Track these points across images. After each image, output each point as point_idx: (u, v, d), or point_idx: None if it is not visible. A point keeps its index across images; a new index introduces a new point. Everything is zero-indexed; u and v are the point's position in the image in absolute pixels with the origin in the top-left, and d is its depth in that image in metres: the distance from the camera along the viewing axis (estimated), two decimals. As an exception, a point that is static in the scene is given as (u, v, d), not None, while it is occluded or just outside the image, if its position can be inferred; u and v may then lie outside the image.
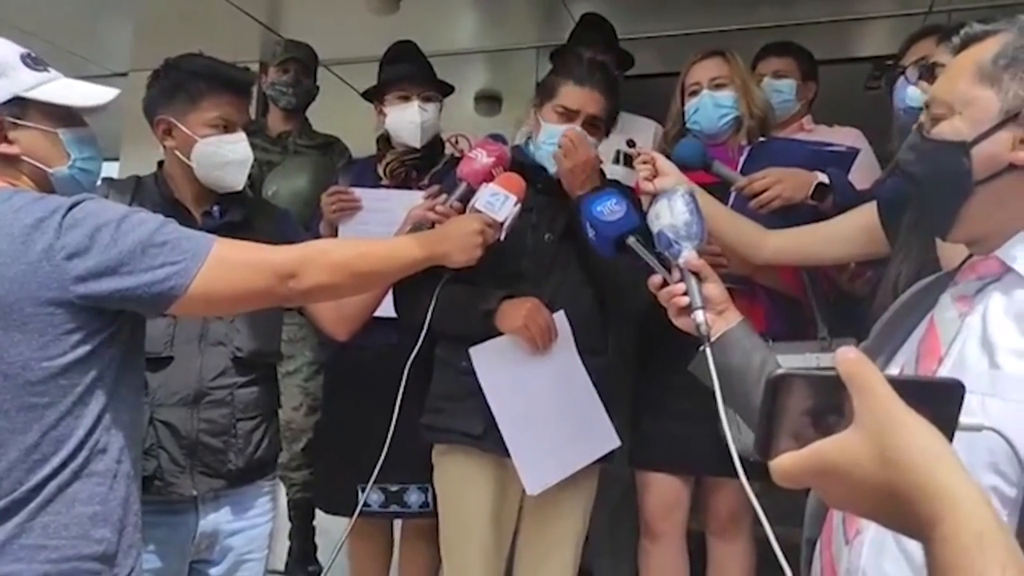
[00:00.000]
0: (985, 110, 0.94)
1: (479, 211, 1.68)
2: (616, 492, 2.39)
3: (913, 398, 0.61)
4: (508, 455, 1.82)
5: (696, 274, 1.26)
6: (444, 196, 1.82)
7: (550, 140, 1.91)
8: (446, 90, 2.49)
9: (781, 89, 2.55)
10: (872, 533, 0.91)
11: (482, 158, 1.81)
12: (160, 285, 1.22)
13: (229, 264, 1.28)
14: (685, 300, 1.25)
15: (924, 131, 1.00)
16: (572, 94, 1.93)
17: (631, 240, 1.52)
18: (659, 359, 2.14)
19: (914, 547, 0.59)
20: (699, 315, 1.22)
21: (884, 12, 3.44)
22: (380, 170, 2.42)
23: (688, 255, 1.28)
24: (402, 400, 1.74)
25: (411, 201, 1.94)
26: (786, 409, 0.64)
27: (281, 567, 2.96)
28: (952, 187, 0.96)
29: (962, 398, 0.65)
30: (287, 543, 2.99)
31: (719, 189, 1.96)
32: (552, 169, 1.92)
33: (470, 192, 1.78)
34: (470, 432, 1.88)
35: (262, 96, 3.32)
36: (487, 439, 1.85)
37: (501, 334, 1.85)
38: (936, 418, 0.61)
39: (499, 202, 1.69)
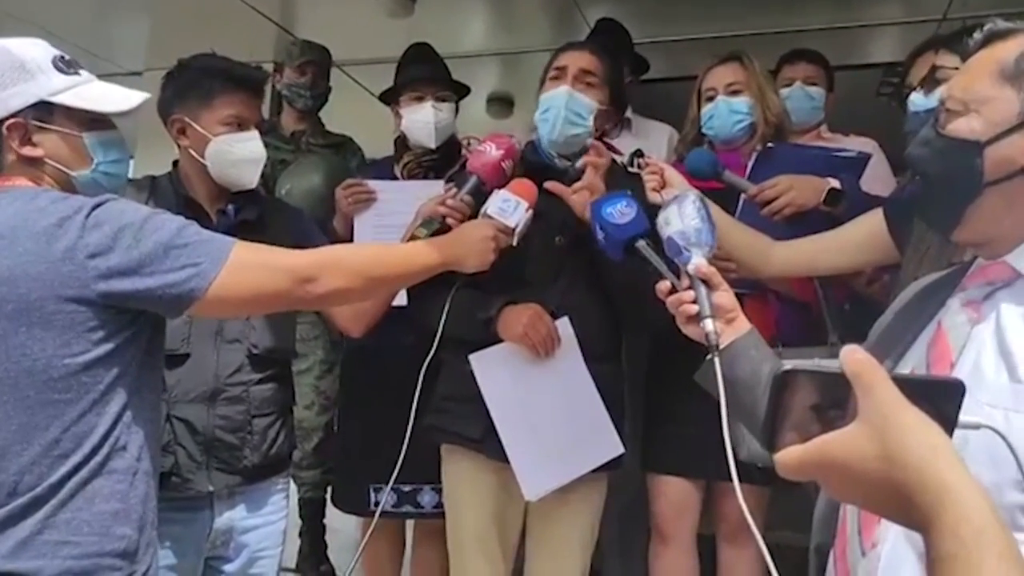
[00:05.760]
0: (1003, 111, 0.92)
1: (491, 217, 1.68)
2: (626, 495, 2.39)
3: (915, 396, 0.63)
4: (507, 461, 1.81)
5: (706, 281, 1.23)
6: (454, 191, 1.81)
7: (543, 106, 1.91)
8: (461, 91, 2.48)
9: (814, 96, 2.52)
10: (890, 544, 0.90)
11: (491, 151, 1.81)
12: (180, 287, 1.23)
13: (248, 267, 1.29)
14: (694, 308, 1.22)
15: (938, 127, 0.98)
16: (561, 57, 1.95)
17: (640, 244, 1.50)
18: (671, 362, 2.12)
19: None
20: (708, 323, 1.19)
21: (898, 19, 3.43)
22: (397, 171, 2.43)
23: (698, 262, 1.25)
24: (417, 402, 1.74)
25: (427, 192, 1.94)
26: (791, 404, 0.66)
27: (292, 565, 2.97)
28: (961, 185, 0.95)
29: (962, 397, 0.67)
30: (297, 541, 3.00)
31: (726, 196, 1.94)
32: (545, 132, 1.90)
33: (480, 186, 1.78)
34: (469, 436, 1.88)
35: (276, 95, 3.33)
36: (485, 444, 1.85)
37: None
38: (936, 416, 0.63)
39: (511, 208, 1.69)
